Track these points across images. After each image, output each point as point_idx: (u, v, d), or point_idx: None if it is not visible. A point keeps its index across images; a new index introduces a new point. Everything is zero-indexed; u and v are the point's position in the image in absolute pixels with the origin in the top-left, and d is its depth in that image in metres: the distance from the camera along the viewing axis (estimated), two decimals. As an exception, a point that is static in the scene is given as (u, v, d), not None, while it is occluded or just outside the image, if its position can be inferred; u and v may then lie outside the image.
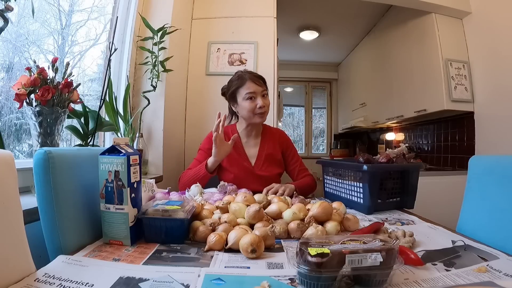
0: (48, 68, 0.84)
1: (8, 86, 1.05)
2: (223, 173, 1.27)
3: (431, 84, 2.28)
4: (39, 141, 0.82)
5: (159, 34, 1.53)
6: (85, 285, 0.44)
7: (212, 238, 0.60)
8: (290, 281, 0.46)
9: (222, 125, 1.08)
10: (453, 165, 2.38)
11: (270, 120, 1.92)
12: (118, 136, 1.44)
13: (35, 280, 0.45)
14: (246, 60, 2.03)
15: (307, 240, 0.47)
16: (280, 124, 3.09)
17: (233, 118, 1.36)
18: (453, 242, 0.65)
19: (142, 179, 0.70)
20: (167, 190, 0.90)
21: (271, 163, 1.29)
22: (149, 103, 1.55)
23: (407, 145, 2.89)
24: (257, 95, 1.19)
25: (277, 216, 0.74)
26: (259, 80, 1.22)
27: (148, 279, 0.46)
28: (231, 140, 1.12)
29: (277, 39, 2.18)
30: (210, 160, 1.13)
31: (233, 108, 1.29)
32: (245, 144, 1.30)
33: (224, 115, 1.08)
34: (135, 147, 1.49)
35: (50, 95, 0.79)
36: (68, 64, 0.90)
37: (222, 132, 1.09)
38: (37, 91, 0.78)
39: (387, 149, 1.37)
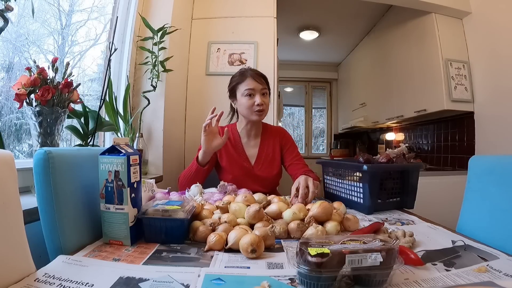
0: (48, 68, 0.84)
1: (8, 86, 1.05)
2: (223, 173, 1.27)
3: (431, 84, 2.28)
4: (39, 141, 0.82)
5: (159, 34, 1.53)
6: (85, 285, 0.44)
7: (212, 238, 0.60)
8: (290, 281, 0.46)
9: (217, 119, 1.05)
10: (453, 165, 2.38)
11: (270, 120, 1.92)
12: (118, 136, 1.44)
13: (35, 280, 0.45)
14: (246, 60, 2.03)
15: (307, 240, 0.47)
16: (280, 124, 3.09)
17: (234, 116, 1.35)
18: (453, 242, 0.65)
19: (142, 179, 0.70)
20: (167, 190, 0.90)
21: (271, 164, 1.29)
22: (149, 103, 1.55)
23: (407, 145, 2.89)
24: (256, 92, 1.18)
25: (277, 216, 0.74)
26: (260, 78, 1.21)
27: (148, 279, 0.46)
28: (225, 134, 1.09)
29: (277, 39, 2.18)
30: (200, 153, 1.13)
31: (233, 105, 1.29)
32: (245, 144, 1.29)
33: (221, 112, 1.06)
34: (135, 147, 1.49)
35: (50, 95, 0.79)
36: (68, 64, 0.90)
37: (216, 125, 1.08)
38: (37, 91, 0.78)
39: (387, 149, 1.37)
